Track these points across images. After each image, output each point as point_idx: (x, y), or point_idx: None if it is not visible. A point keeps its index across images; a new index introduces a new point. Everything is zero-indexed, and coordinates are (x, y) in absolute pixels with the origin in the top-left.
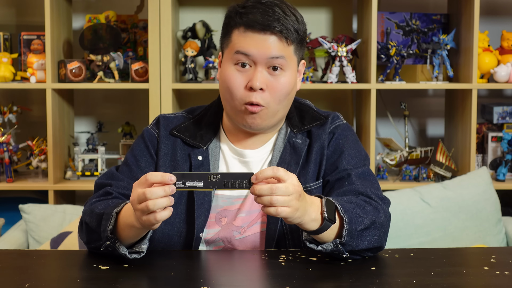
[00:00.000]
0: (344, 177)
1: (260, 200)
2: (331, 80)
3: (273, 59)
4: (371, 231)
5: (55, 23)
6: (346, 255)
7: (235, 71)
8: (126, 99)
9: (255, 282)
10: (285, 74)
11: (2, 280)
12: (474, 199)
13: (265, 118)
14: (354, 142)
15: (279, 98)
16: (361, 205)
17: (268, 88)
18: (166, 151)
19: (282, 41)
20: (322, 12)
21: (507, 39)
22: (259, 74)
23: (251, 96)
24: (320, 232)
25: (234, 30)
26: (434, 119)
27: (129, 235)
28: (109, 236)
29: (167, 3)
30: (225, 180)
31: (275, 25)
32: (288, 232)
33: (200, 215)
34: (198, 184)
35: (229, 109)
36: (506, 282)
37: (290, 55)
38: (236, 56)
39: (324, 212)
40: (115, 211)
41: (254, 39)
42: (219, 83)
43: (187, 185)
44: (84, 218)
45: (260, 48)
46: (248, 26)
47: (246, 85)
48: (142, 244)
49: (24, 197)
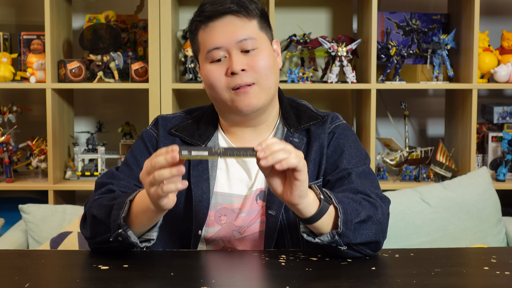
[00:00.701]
0: (344, 176)
1: (272, 156)
2: (331, 80)
3: (242, 42)
4: (368, 225)
5: (55, 23)
6: (344, 247)
7: (212, 67)
8: (126, 99)
9: (255, 282)
10: (259, 51)
11: (2, 280)
12: (474, 199)
13: (258, 95)
14: (354, 142)
15: (265, 72)
16: (357, 200)
17: (249, 67)
18: None
19: (242, 19)
20: (322, 12)
21: (507, 39)
22: (236, 57)
23: (236, 79)
24: (319, 216)
25: (198, 33)
26: (434, 119)
27: (142, 221)
28: (121, 223)
29: (167, 3)
30: (230, 151)
31: (229, 6)
32: (287, 231)
33: (198, 213)
34: (203, 153)
35: (220, 106)
36: (506, 282)
37: (256, 32)
38: (209, 55)
39: (319, 193)
40: (129, 199)
41: (216, 28)
42: (205, 87)
43: (192, 153)
44: (91, 211)
45: (225, 35)
46: (206, 19)
47: (226, 72)
48: (152, 232)
49: (24, 197)
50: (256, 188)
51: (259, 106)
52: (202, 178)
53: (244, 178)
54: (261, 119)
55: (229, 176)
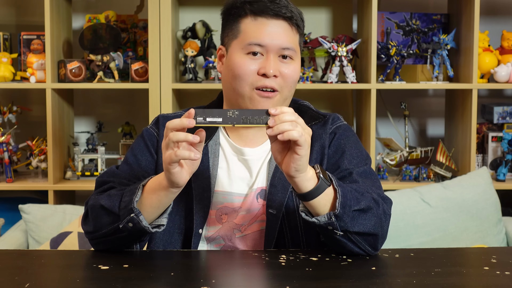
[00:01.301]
0: (345, 176)
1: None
2: (331, 80)
3: (285, 49)
4: (368, 215)
5: (55, 23)
6: (340, 233)
7: (246, 58)
8: (126, 99)
9: (255, 282)
10: (294, 62)
11: (2, 280)
12: (474, 199)
13: (276, 103)
14: (355, 142)
15: (291, 84)
16: (360, 191)
17: (280, 75)
18: None
19: (292, 29)
20: (322, 12)
21: (507, 39)
22: (273, 62)
23: (264, 81)
24: (315, 194)
25: (242, 20)
26: (434, 119)
27: (153, 203)
28: (134, 207)
29: (167, 3)
30: (243, 116)
31: (285, 11)
32: (288, 231)
33: (199, 211)
34: (218, 119)
35: (235, 98)
36: (506, 282)
37: (297, 46)
38: (249, 47)
39: (319, 172)
40: (142, 184)
41: (266, 26)
42: (222, 75)
43: (207, 120)
44: (98, 203)
45: (273, 37)
46: (259, 12)
47: (258, 71)
48: (162, 218)
49: (24, 197)
50: (257, 186)
51: None
52: (203, 177)
53: (245, 177)
54: None
55: (230, 174)
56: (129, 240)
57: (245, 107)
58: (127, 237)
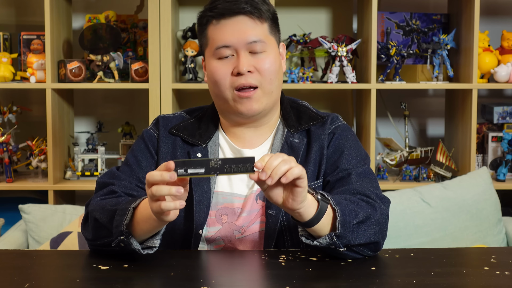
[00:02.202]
0: (344, 176)
1: (275, 171)
2: (331, 80)
3: (252, 44)
4: (367, 225)
5: (55, 23)
6: (343, 249)
7: (218, 63)
8: (126, 99)
9: (255, 282)
10: (267, 54)
11: (2, 280)
12: (474, 199)
13: (260, 100)
14: (354, 142)
15: (270, 77)
16: (354, 201)
17: (255, 69)
18: (166, 150)
19: (255, 21)
20: (322, 12)
21: (507, 39)
22: (244, 59)
23: (240, 79)
24: (318, 218)
25: (208, 27)
26: (434, 119)
27: (144, 229)
28: (124, 230)
29: (167, 3)
30: (227, 165)
31: (243, 6)
32: (287, 231)
33: (199, 212)
34: (200, 170)
35: (221, 104)
36: (506, 282)
37: (266, 36)
38: (217, 52)
39: (316, 194)
40: (133, 206)
41: (228, 26)
42: (208, 83)
43: (188, 172)
44: (93, 215)
45: (236, 35)
46: (219, 16)
47: (232, 71)
48: (155, 240)
49: (24, 197)
50: (256, 188)
51: (260, 111)
52: (203, 178)
53: (245, 178)
54: (262, 121)
55: (229, 176)
56: (126, 253)
57: (231, 111)
58: (123, 251)
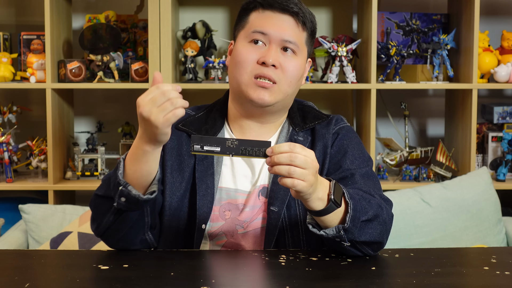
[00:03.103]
0: (347, 176)
1: (278, 169)
2: (331, 80)
3: (286, 42)
4: (374, 224)
5: (55, 23)
6: (347, 244)
7: (248, 46)
8: (126, 99)
9: (255, 282)
10: (296, 58)
11: (2, 280)
12: (474, 199)
13: (274, 95)
14: (357, 144)
15: (290, 79)
16: (366, 198)
17: (280, 66)
18: (172, 145)
19: (298, 25)
20: (322, 12)
21: (507, 39)
22: (274, 52)
23: (263, 69)
24: (324, 213)
25: (252, 13)
26: (434, 119)
27: (139, 168)
28: (120, 180)
29: (167, 3)
30: (242, 147)
31: (292, 7)
32: (288, 229)
33: (202, 207)
34: (216, 149)
35: (236, 86)
36: (506, 282)
37: (302, 43)
38: (252, 35)
39: (331, 193)
40: (122, 157)
41: (272, 18)
42: (229, 67)
43: (204, 149)
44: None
45: (276, 28)
46: (267, 6)
47: (258, 60)
48: (152, 185)
49: (24, 197)
50: (259, 184)
51: (270, 103)
52: (207, 173)
53: (248, 174)
54: (268, 118)
55: (234, 172)
56: (131, 221)
57: (245, 96)
58: (127, 219)
